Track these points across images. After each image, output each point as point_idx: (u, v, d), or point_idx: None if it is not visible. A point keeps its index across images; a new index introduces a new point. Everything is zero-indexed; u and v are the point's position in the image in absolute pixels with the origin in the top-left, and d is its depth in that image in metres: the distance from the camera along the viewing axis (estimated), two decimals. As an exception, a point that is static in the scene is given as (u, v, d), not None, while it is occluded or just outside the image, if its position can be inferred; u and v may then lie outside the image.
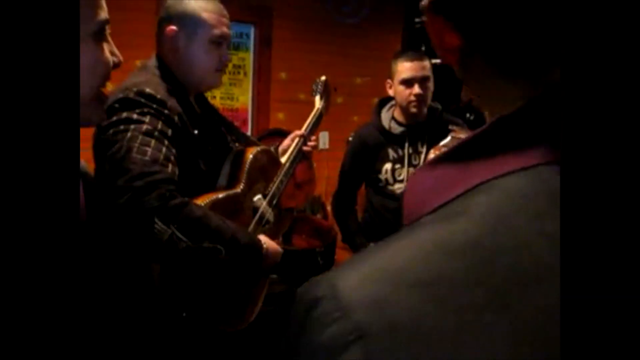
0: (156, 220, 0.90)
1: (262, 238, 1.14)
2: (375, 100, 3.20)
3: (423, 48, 3.51)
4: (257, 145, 1.34)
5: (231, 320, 1.15)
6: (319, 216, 2.71)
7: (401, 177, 1.82)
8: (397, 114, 1.86)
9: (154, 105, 1.02)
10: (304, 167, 2.33)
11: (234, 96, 2.78)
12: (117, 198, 0.91)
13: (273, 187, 1.29)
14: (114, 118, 0.99)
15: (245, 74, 2.80)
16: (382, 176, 1.84)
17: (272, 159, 1.34)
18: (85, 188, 0.67)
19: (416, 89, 1.73)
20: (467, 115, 2.33)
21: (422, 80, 1.74)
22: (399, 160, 1.82)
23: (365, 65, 3.11)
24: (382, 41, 3.14)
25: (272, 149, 1.39)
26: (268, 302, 1.29)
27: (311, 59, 2.85)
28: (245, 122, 2.84)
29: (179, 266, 1.01)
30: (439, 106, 1.87)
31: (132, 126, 0.98)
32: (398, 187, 1.83)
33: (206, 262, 0.99)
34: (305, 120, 1.54)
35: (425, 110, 1.79)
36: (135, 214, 0.90)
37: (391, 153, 1.84)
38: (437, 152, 0.99)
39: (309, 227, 2.19)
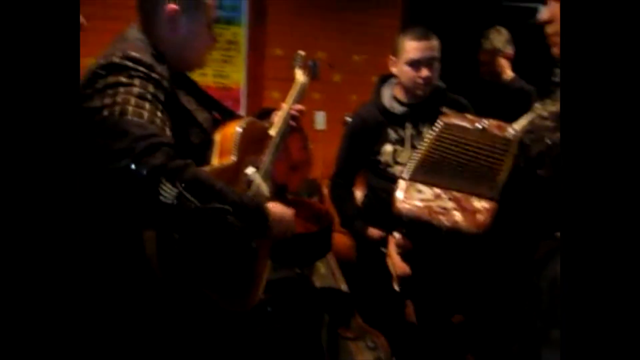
0: (162, 179, 0.85)
1: (269, 205, 1.09)
2: (375, 78, 3.11)
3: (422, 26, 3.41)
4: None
5: (235, 299, 1.09)
6: (315, 199, 2.63)
7: (402, 160, 1.74)
8: (399, 93, 1.77)
9: (142, 69, 0.97)
10: (298, 148, 2.24)
11: (226, 74, 2.66)
12: (115, 162, 0.86)
13: (265, 160, 1.25)
14: (99, 84, 0.94)
15: (238, 50, 2.68)
16: (382, 158, 1.75)
17: (261, 131, 1.29)
18: None
19: (424, 71, 1.65)
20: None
21: (430, 62, 1.65)
22: (400, 141, 1.74)
23: (363, 41, 2.99)
24: (381, 16, 3.01)
25: (259, 121, 1.35)
26: (266, 289, 1.26)
27: (308, 34, 2.73)
28: (237, 101, 2.72)
29: (184, 232, 0.94)
30: (443, 85, 1.78)
31: (122, 89, 0.92)
32: (399, 170, 1.74)
33: (214, 225, 0.93)
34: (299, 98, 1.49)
35: (431, 88, 1.70)
36: (139, 174, 0.85)
37: (392, 134, 1.75)
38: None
39: (305, 211, 2.10)
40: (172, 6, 1.08)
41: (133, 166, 0.85)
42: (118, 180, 0.87)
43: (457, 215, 0.73)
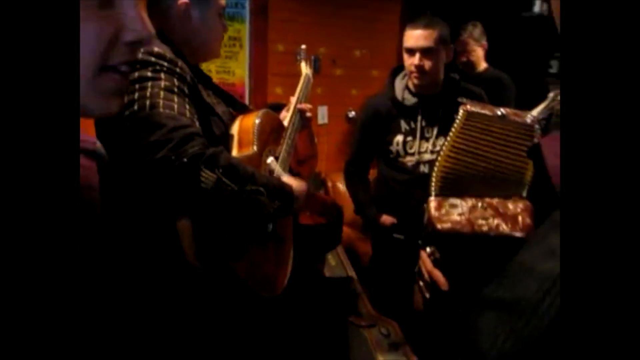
0: (201, 167, 0.89)
1: (287, 180, 1.15)
2: (375, 72, 3.15)
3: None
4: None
5: (266, 284, 1.14)
6: (321, 192, 2.67)
7: (412, 150, 1.78)
8: (411, 84, 1.80)
9: (165, 63, 1.00)
10: (305, 143, 2.27)
11: (230, 70, 2.68)
12: (152, 154, 0.88)
13: (282, 150, 1.29)
14: None
15: (241, 46, 2.70)
16: (393, 148, 1.79)
17: (277, 122, 1.33)
18: (100, 170, 0.62)
19: (415, 59, 1.68)
20: None
21: (423, 51, 1.67)
22: (411, 132, 1.78)
23: (364, 37, 3.02)
24: (382, 12, 3.04)
25: (274, 112, 1.39)
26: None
27: (309, 30, 2.76)
28: (242, 96, 2.74)
29: (221, 216, 0.98)
30: (457, 75, 1.83)
31: (149, 83, 0.96)
32: (409, 160, 1.79)
33: (249, 207, 0.97)
34: (307, 90, 1.52)
35: (430, 81, 1.73)
36: (180, 163, 0.88)
37: (403, 125, 1.78)
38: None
39: (313, 204, 2.14)
40: (183, 0, 1.11)
41: (173, 156, 0.88)
42: (156, 172, 0.90)
43: (499, 223, 0.72)
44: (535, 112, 0.91)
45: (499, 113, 0.89)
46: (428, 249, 0.86)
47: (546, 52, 3.26)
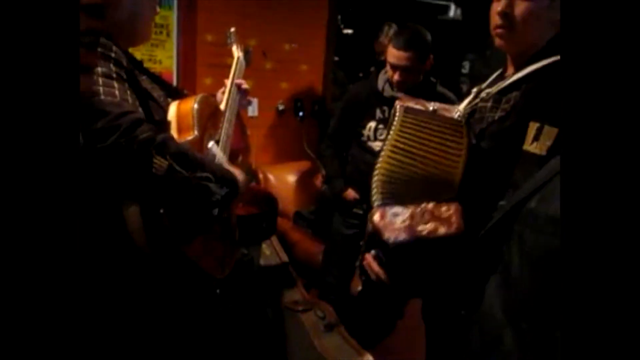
0: (153, 153, 0.88)
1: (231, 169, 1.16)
2: (304, 67, 3.20)
3: (339, 17, 3.57)
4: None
5: (215, 265, 1.14)
6: (253, 184, 2.67)
7: (382, 137, 1.94)
8: (392, 80, 1.94)
9: (99, 49, 0.97)
10: (237, 135, 2.28)
11: (156, 58, 2.59)
12: (100, 141, 0.87)
13: (222, 134, 1.29)
14: None
15: (168, 34, 2.61)
16: (366, 132, 1.97)
17: (215, 106, 1.33)
18: None
19: (396, 76, 1.86)
20: None
21: (403, 69, 1.84)
22: (384, 120, 1.93)
23: (293, 31, 3.06)
24: (311, 8, 3.10)
25: (210, 97, 1.39)
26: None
27: (239, 21, 2.74)
28: (169, 86, 2.66)
29: (171, 202, 0.96)
30: (434, 79, 1.99)
31: None
32: (377, 145, 1.96)
33: (200, 193, 0.98)
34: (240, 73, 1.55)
35: (406, 87, 1.88)
36: (131, 149, 0.87)
37: (378, 113, 1.95)
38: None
39: (246, 194, 2.15)
40: None
41: (123, 142, 0.87)
42: (107, 158, 0.88)
43: (436, 227, 0.78)
44: (461, 107, 0.99)
45: (430, 108, 0.96)
46: (372, 252, 0.90)
47: (459, 54, 3.53)
